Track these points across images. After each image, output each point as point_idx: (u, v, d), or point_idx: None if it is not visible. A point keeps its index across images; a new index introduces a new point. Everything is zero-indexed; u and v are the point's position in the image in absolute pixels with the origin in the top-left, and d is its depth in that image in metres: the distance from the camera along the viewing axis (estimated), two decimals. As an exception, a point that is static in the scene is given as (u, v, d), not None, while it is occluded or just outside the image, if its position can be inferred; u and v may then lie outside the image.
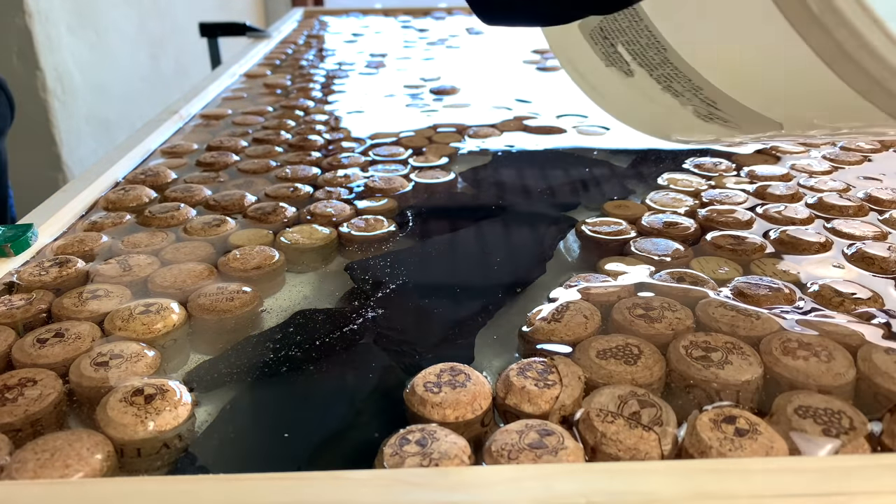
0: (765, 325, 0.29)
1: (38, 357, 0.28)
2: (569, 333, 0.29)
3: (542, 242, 0.39)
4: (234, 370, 0.29)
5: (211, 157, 0.53)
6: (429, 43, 1.02)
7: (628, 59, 0.28)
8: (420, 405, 0.25)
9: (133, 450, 0.24)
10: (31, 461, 0.22)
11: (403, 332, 0.31)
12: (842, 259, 0.36)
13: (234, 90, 0.76)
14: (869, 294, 0.32)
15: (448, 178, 0.49)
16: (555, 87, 0.75)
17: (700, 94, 0.27)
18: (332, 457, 0.24)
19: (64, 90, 1.34)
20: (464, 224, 0.42)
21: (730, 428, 0.23)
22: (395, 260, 0.37)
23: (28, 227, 0.38)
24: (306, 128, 0.61)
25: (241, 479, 0.20)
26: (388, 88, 0.75)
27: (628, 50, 0.28)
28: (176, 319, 0.31)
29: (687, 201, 0.43)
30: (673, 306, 0.30)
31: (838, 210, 0.41)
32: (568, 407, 0.25)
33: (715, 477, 0.20)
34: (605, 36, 0.28)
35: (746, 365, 0.26)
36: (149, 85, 1.67)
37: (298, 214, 0.43)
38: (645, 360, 0.27)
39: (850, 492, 0.19)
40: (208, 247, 0.39)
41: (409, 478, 0.21)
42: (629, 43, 0.27)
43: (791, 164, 0.49)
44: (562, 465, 0.22)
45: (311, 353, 0.30)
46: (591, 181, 0.48)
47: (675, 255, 0.36)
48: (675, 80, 0.27)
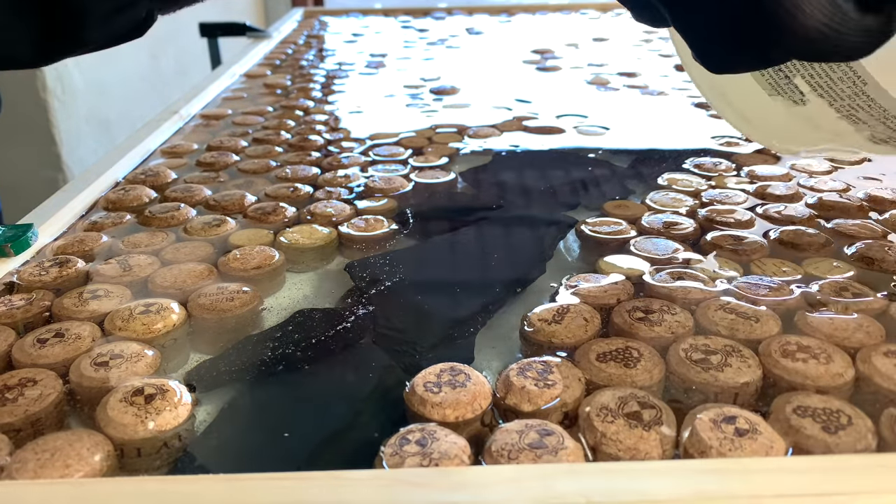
0: (764, 329, 0.29)
1: (39, 357, 0.28)
2: (569, 335, 0.29)
3: (542, 242, 0.39)
4: (234, 370, 0.29)
5: (211, 157, 0.53)
6: (429, 43, 1.02)
7: (805, 90, 0.30)
8: (420, 405, 0.25)
9: (133, 450, 0.24)
10: (31, 461, 0.22)
11: (403, 331, 0.31)
12: (842, 259, 0.36)
13: (234, 90, 0.76)
14: (871, 295, 0.32)
15: (448, 178, 0.49)
16: (555, 88, 0.75)
17: (890, 123, 0.29)
18: (332, 457, 0.24)
19: (64, 90, 1.34)
20: (464, 224, 0.42)
21: (730, 428, 0.23)
22: (395, 260, 0.37)
23: (28, 227, 0.38)
24: (306, 128, 0.61)
25: (241, 479, 0.20)
26: (388, 88, 0.75)
27: (809, 83, 0.30)
28: (176, 319, 0.31)
29: (687, 201, 0.43)
30: (672, 309, 0.30)
31: (838, 210, 0.41)
32: (568, 406, 0.25)
33: (715, 477, 0.20)
34: (780, 69, 0.30)
35: (745, 367, 0.26)
36: (149, 85, 1.67)
37: (298, 214, 0.43)
38: (644, 364, 0.27)
39: (850, 492, 0.19)
40: (208, 247, 0.39)
41: (409, 478, 0.21)
42: (812, 76, 0.29)
43: (791, 164, 0.49)
44: (562, 465, 0.22)
45: (311, 353, 0.30)
46: (591, 181, 0.48)
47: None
48: (862, 110, 0.29)
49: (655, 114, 0.65)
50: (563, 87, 0.75)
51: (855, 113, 0.30)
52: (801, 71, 0.29)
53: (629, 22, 0.44)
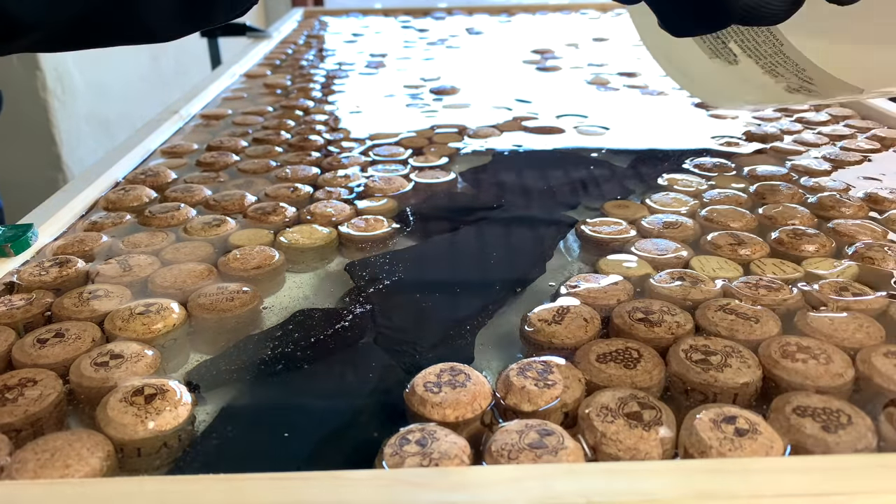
0: (763, 329, 0.29)
1: (39, 357, 0.28)
2: (569, 336, 0.29)
3: (542, 242, 0.39)
4: (234, 370, 0.29)
5: (211, 157, 0.53)
6: (429, 43, 1.02)
7: (737, 52, 0.38)
8: (420, 405, 0.25)
9: (133, 449, 0.24)
10: (31, 461, 0.22)
11: (403, 331, 0.31)
12: (842, 258, 0.36)
13: (234, 90, 0.76)
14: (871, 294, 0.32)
15: (448, 178, 0.49)
16: (555, 88, 0.75)
17: (802, 74, 0.37)
18: (332, 457, 0.24)
19: (64, 90, 1.34)
20: (464, 224, 0.42)
21: (730, 428, 0.23)
22: (395, 259, 0.37)
23: (28, 227, 0.38)
24: (306, 128, 0.61)
25: (241, 479, 0.20)
26: (388, 88, 0.75)
27: (740, 46, 0.37)
28: (176, 319, 0.31)
29: (687, 201, 0.43)
30: (672, 310, 0.30)
31: (838, 210, 0.41)
32: (568, 406, 0.25)
33: (715, 477, 0.20)
34: (718, 35, 0.38)
35: (745, 368, 0.26)
36: (149, 85, 1.67)
37: (298, 214, 0.43)
38: (644, 364, 0.27)
39: (850, 492, 0.19)
40: (208, 247, 0.39)
41: (409, 478, 0.21)
42: (743, 41, 0.37)
43: (791, 164, 0.49)
44: (562, 465, 0.22)
45: (311, 353, 0.30)
46: (591, 181, 0.48)
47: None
48: (780, 66, 0.37)
49: (655, 114, 0.65)
50: (563, 87, 0.75)
51: (775, 69, 0.37)
52: (734, 37, 0.37)
53: (629, 22, 0.44)
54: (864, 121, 0.60)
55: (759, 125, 0.59)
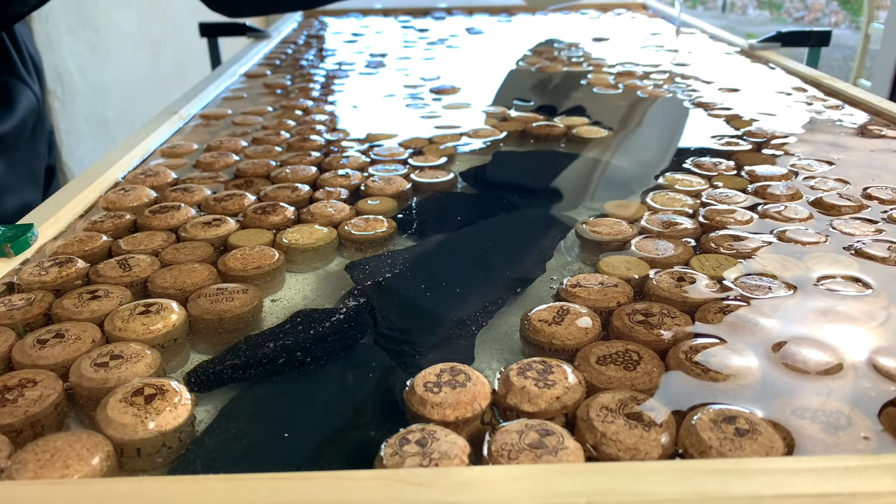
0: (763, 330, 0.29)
1: (39, 358, 0.28)
2: (569, 337, 0.29)
3: (542, 242, 0.39)
4: (233, 370, 0.29)
5: (211, 157, 0.53)
6: (429, 43, 1.02)
7: None
8: (420, 405, 0.25)
9: (133, 450, 0.24)
10: (31, 462, 0.22)
11: (403, 331, 0.31)
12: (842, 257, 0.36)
13: (233, 90, 0.76)
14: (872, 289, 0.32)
15: (448, 178, 0.49)
16: (554, 87, 0.75)
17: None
18: (332, 457, 0.24)
19: (64, 90, 1.34)
20: (464, 224, 0.42)
21: (730, 428, 0.23)
22: (394, 259, 0.37)
23: (28, 227, 0.38)
24: (306, 128, 0.61)
25: (241, 479, 0.20)
26: (388, 88, 0.75)
27: None
28: (176, 319, 0.31)
29: (687, 201, 0.43)
30: (672, 312, 0.30)
31: (838, 210, 0.41)
32: (569, 407, 0.25)
33: (715, 477, 0.20)
34: None
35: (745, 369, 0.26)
36: (149, 85, 1.67)
37: (298, 214, 0.43)
38: (644, 366, 0.27)
39: (850, 492, 0.19)
40: (208, 247, 0.39)
41: (409, 478, 0.21)
42: None
43: (791, 164, 0.49)
44: (562, 465, 0.22)
45: (311, 353, 0.30)
46: (592, 181, 0.48)
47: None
48: None
49: (655, 114, 0.65)
50: (562, 87, 0.75)
51: None
52: None
53: (629, 22, 0.44)
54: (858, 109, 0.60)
55: (759, 125, 0.59)
